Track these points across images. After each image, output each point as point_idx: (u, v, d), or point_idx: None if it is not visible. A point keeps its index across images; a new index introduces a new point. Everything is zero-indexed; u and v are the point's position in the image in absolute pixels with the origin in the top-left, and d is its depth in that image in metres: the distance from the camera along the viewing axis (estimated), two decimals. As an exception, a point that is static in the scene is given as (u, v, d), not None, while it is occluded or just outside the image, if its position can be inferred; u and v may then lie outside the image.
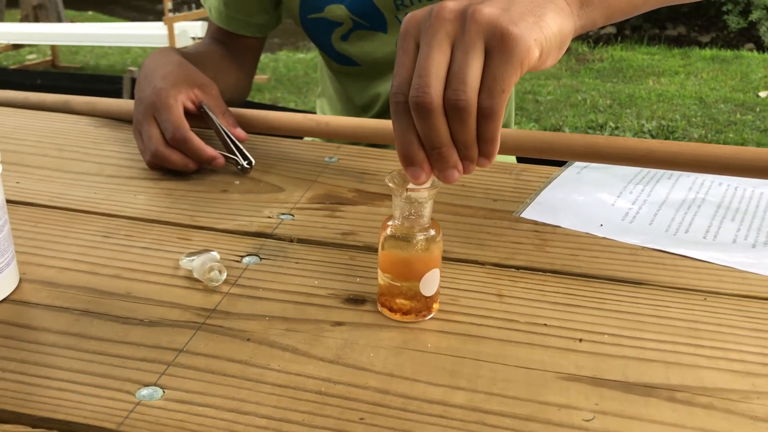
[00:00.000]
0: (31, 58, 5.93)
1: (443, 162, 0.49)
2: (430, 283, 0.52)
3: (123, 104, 0.94)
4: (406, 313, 0.52)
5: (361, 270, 0.59)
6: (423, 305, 0.52)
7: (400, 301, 0.52)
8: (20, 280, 0.56)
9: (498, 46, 0.46)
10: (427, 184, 0.50)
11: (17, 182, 0.74)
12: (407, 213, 0.51)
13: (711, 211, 0.70)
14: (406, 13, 0.92)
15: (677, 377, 0.47)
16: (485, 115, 0.47)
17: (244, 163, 0.77)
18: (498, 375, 0.47)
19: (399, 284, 0.52)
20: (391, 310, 0.53)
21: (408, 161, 0.49)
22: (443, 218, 0.67)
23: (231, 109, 0.83)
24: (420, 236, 0.51)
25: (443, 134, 0.48)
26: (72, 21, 7.67)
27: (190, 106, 0.78)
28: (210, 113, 0.79)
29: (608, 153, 0.65)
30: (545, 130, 4.02)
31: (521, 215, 0.69)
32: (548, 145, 0.68)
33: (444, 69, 0.47)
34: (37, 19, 7.68)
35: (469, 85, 0.46)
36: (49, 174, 0.76)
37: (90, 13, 9.04)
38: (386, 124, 0.78)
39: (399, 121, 0.49)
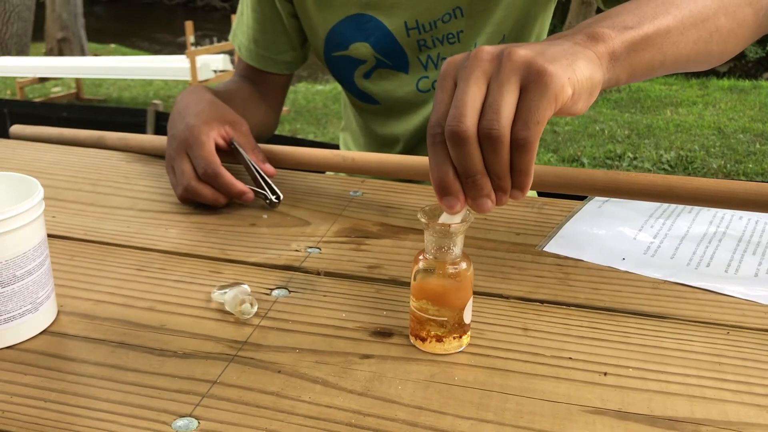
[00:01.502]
0: (56, 91, 6.06)
1: (477, 190, 0.50)
2: (466, 313, 0.53)
3: (155, 140, 0.97)
4: (439, 340, 0.53)
5: (388, 303, 0.60)
6: (456, 335, 0.53)
7: (434, 332, 0.53)
8: (58, 312, 0.58)
9: (534, 81, 0.48)
10: (459, 218, 0.51)
11: (53, 216, 0.76)
12: (439, 247, 0.52)
13: (732, 245, 0.71)
14: (429, 55, 0.95)
15: (702, 411, 0.48)
16: (519, 146, 0.48)
17: (273, 198, 0.79)
18: (524, 408, 0.48)
19: (432, 317, 0.53)
20: (423, 340, 0.54)
21: (443, 191, 0.50)
22: (467, 251, 0.68)
23: (260, 145, 0.85)
24: (451, 269, 0.52)
25: (477, 162, 0.49)
26: (95, 53, 7.84)
27: (221, 142, 0.81)
28: (240, 149, 0.81)
29: (629, 189, 0.67)
30: (563, 160, 4.03)
31: (544, 249, 0.70)
32: (569, 181, 0.69)
33: (479, 102, 0.49)
34: (61, 53, 7.87)
35: (503, 116, 0.48)
36: (83, 208, 0.79)
37: (112, 45, 9.23)
38: (411, 159, 0.80)
39: (435, 152, 0.50)
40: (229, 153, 0.82)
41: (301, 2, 0.97)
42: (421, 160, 0.79)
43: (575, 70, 0.50)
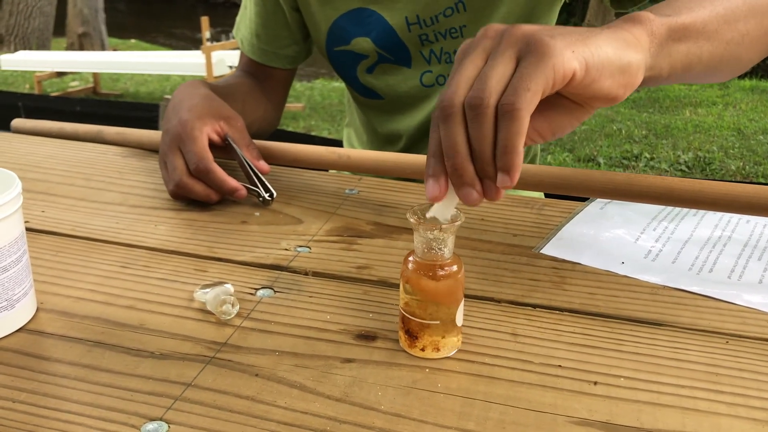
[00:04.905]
0: (74, 85, 6.09)
1: (457, 176, 0.47)
2: (458, 317, 0.52)
3: (153, 135, 0.95)
4: (429, 343, 0.51)
5: (374, 305, 0.59)
6: (446, 338, 0.51)
7: (423, 335, 0.51)
8: (37, 309, 0.57)
9: (529, 52, 0.46)
10: (447, 214, 0.49)
11: (42, 211, 0.75)
12: (429, 248, 0.50)
13: (737, 250, 0.68)
14: (431, 49, 0.93)
15: (693, 424, 0.45)
16: (504, 112, 0.45)
17: (266, 195, 0.77)
18: (507, 418, 0.46)
19: (421, 320, 0.51)
20: (411, 344, 0.52)
21: (427, 173, 0.48)
22: (461, 253, 0.66)
23: (255, 141, 0.84)
24: (441, 271, 0.50)
25: (459, 142, 0.47)
26: (115, 48, 7.89)
27: (215, 138, 0.80)
28: (234, 145, 0.80)
29: (627, 191, 0.64)
30: (579, 160, 3.99)
31: (541, 251, 0.68)
32: (566, 182, 0.67)
33: (473, 77, 0.47)
34: (82, 47, 7.93)
35: (489, 86, 0.46)
36: (74, 203, 0.78)
37: (133, 41, 9.29)
38: (407, 158, 0.78)
39: (432, 132, 0.49)
40: (223, 149, 0.80)
41: (303, -4, 0.96)
42: (417, 159, 0.77)
43: (588, 45, 0.48)
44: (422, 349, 0.52)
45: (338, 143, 1.22)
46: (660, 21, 0.54)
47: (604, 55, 0.48)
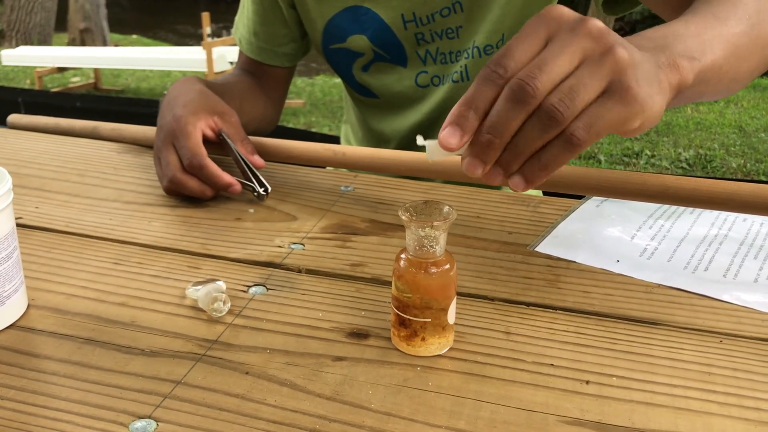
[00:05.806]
0: (75, 81, 6.09)
1: (483, 152, 0.47)
2: (450, 315, 0.51)
3: (148, 131, 0.95)
4: (421, 341, 0.51)
5: (367, 303, 0.58)
6: (438, 336, 0.51)
7: (415, 333, 0.51)
8: (28, 306, 0.57)
9: (618, 95, 0.46)
10: (435, 157, 0.48)
11: (36, 207, 0.75)
12: (421, 245, 0.50)
13: (733, 249, 0.68)
14: (427, 50, 0.92)
15: (686, 424, 0.45)
16: (566, 140, 0.46)
17: (261, 191, 0.77)
18: (498, 417, 0.46)
19: (413, 317, 0.51)
20: (404, 342, 0.51)
21: (455, 119, 0.47)
22: (455, 250, 0.66)
23: (250, 137, 0.83)
24: (433, 269, 0.50)
25: (512, 127, 0.46)
26: (117, 44, 7.88)
27: (210, 133, 0.79)
28: (228, 140, 0.80)
29: (623, 188, 0.64)
30: (580, 157, 3.98)
31: (536, 249, 0.68)
32: (563, 179, 0.67)
33: (562, 76, 0.46)
34: (83, 43, 7.92)
35: (576, 105, 0.45)
36: (68, 199, 0.77)
37: (134, 36, 9.28)
38: (402, 155, 0.77)
39: (482, 86, 0.47)
40: (218, 144, 0.80)
41: (299, -7, 0.95)
42: (413, 156, 0.77)
43: (653, 105, 0.48)
44: (414, 347, 0.51)
45: (339, 140, 1.21)
46: (690, 67, 0.53)
47: (653, 116, 0.49)
